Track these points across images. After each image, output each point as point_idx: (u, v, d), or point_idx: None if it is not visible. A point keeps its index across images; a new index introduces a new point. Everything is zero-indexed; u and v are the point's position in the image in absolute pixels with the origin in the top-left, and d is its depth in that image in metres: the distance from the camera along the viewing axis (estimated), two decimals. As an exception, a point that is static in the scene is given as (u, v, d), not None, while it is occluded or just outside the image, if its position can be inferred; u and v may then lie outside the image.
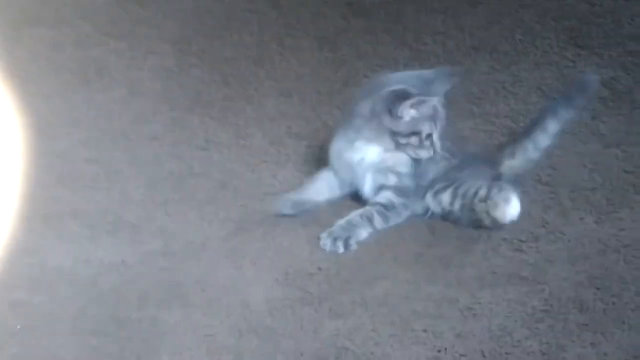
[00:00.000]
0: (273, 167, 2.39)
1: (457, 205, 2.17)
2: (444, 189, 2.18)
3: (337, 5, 2.98)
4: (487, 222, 2.14)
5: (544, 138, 2.27)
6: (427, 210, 2.20)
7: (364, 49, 2.80)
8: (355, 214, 2.18)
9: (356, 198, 2.24)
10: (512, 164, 2.26)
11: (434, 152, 2.18)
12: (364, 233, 2.16)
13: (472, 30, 2.85)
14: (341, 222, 2.16)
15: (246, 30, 2.88)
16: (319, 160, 2.39)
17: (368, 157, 2.20)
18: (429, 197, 2.19)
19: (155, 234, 2.19)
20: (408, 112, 2.16)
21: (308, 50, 2.81)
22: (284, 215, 2.20)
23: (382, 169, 2.20)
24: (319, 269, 2.09)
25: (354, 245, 2.13)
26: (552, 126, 2.27)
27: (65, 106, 2.64)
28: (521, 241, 2.12)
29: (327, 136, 2.46)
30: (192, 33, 2.87)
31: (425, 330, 1.90)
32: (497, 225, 2.14)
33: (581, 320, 1.91)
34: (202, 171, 2.37)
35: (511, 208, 2.15)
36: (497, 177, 2.22)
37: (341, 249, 2.12)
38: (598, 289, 1.98)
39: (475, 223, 2.15)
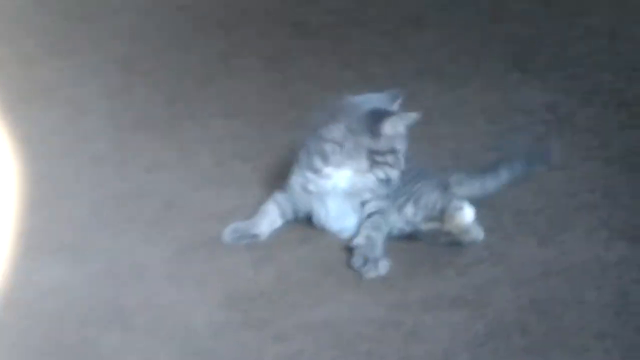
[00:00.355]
0: (218, 188, 2.37)
1: (419, 217, 2.19)
2: (405, 202, 2.20)
3: (283, 26, 2.99)
4: (463, 237, 2.17)
5: (492, 184, 2.30)
6: (395, 229, 2.21)
7: (310, 70, 2.81)
8: (367, 229, 2.16)
9: (301, 222, 2.24)
10: (457, 190, 2.28)
11: (400, 170, 2.20)
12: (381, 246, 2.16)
13: (418, 53, 2.88)
14: (360, 240, 2.15)
15: (192, 50, 2.88)
16: (265, 181, 2.39)
17: (338, 183, 2.21)
18: (394, 215, 2.20)
19: (98, 256, 2.17)
20: (388, 130, 2.17)
21: (254, 70, 2.81)
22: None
23: (353, 193, 2.20)
24: (262, 292, 2.08)
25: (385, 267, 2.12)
26: (504, 177, 2.32)
27: (9, 125, 2.61)
28: (465, 264, 2.13)
29: (273, 157, 2.47)
30: (138, 52, 2.86)
31: (368, 354, 1.90)
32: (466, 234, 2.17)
33: (523, 344, 1.92)
34: (146, 192, 2.35)
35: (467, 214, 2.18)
36: (448, 188, 2.26)
37: (379, 271, 2.11)
38: (540, 312, 2.00)
39: (451, 242, 2.18)
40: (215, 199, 2.34)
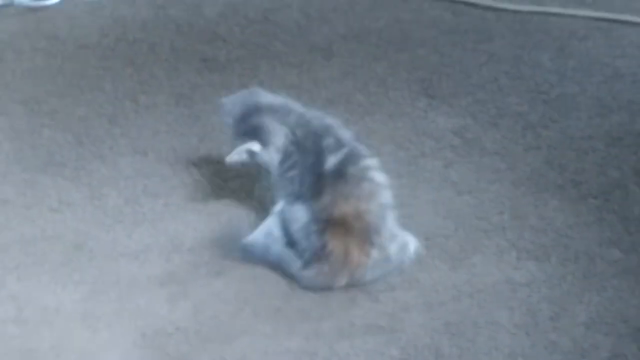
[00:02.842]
0: (129, 227, 2.35)
1: None
2: None
3: (192, 61, 2.99)
4: None
5: None
6: None
7: (220, 104, 2.80)
8: None
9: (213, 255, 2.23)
10: None
11: None
12: None
13: (327, 83, 2.90)
14: None
15: (99, 88, 2.85)
16: (177, 217, 2.37)
17: None
18: None
19: (6, 301, 2.12)
20: None
21: (163, 106, 2.80)
22: None
23: None
24: (178, 328, 2.07)
25: None
26: None
27: None
28: (378, 291, 2.15)
29: (184, 193, 2.46)
30: (43, 92, 2.82)
31: (284, 386, 1.90)
32: None
33: (438, 367, 1.94)
34: (55, 233, 2.32)
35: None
36: None
37: None
38: (453, 334, 2.02)
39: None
40: (126, 238, 2.31)
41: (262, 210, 2.29)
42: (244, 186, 2.47)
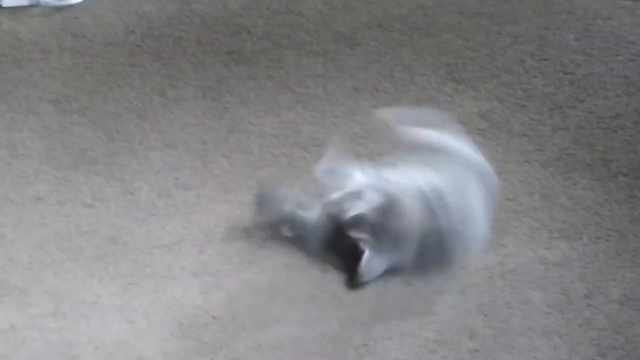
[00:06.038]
0: (162, 219, 2.37)
1: None
2: None
3: (218, 54, 3.01)
4: None
5: None
6: None
7: (247, 96, 2.83)
8: None
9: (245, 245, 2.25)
10: None
11: None
12: None
13: (352, 71, 2.91)
14: None
15: (128, 84, 2.88)
16: (209, 209, 2.40)
17: None
18: None
19: (44, 296, 2.15)
20: None
21: (191, 100, 2.82)
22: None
23: None
24: (213, 317, 2.09)
25: None
26: None
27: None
28: (411, 275, 2.15)
29: (215, 184, 2.48)
30: (72, 90, 2.85)
31: (321, 371, 1.91)
32: None
33: (472, 347, 1.95)
34: (89, 229, 2.35)
35: None
36: None
37: None
38: (487, 315, 2.03)
39: None
40: (160, 230, 2.34)
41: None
42: (274, 175, 2.49)
